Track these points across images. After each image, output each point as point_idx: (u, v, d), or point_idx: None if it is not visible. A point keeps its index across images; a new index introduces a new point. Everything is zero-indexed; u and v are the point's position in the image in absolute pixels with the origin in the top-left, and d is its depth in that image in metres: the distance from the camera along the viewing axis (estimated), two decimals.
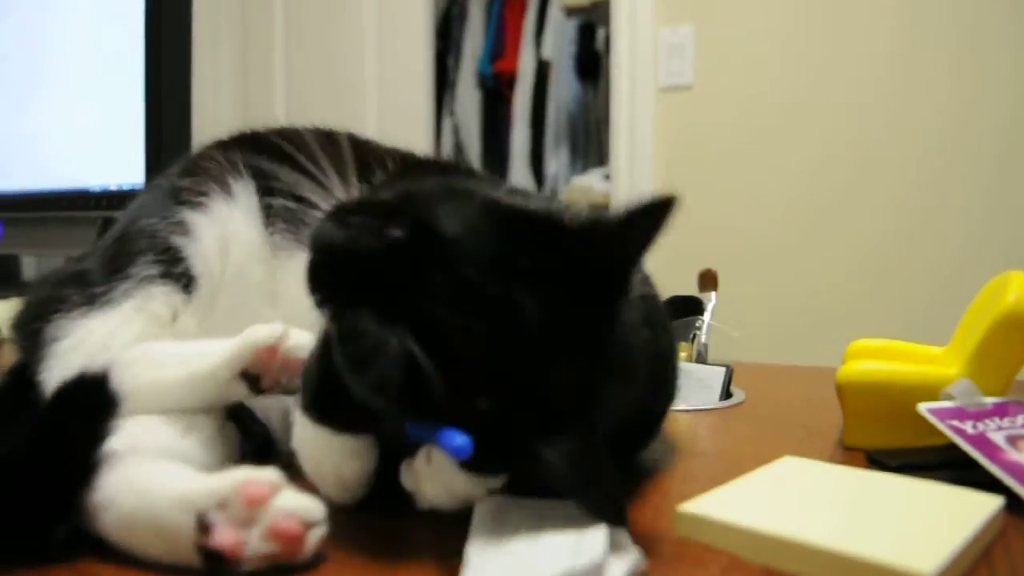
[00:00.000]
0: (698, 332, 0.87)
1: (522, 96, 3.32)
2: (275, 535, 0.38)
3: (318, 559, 0.40)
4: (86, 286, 0.55)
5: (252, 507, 0.38)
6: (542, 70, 3.28)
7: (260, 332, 0.49)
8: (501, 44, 3.42)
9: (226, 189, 0.59)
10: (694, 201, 1.88)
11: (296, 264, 0.57)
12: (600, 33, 3.18)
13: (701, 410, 0.76)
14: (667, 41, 2.34)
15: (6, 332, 1.26)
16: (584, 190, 2.86)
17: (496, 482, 0.44)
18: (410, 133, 3.10)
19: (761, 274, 2.08)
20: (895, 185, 2.01)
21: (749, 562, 0.40)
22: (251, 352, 0.49)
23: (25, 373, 0.54)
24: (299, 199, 0.60)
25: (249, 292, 0.58)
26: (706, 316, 0.88)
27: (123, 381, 0.48)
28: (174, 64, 1.14)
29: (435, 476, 0.43)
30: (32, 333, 0.54)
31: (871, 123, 2.03)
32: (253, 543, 0.38)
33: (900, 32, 2.00)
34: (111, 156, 1.22)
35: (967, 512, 0.42)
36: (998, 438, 0.52)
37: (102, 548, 0.40)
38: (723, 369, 0.81)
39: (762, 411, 0.77)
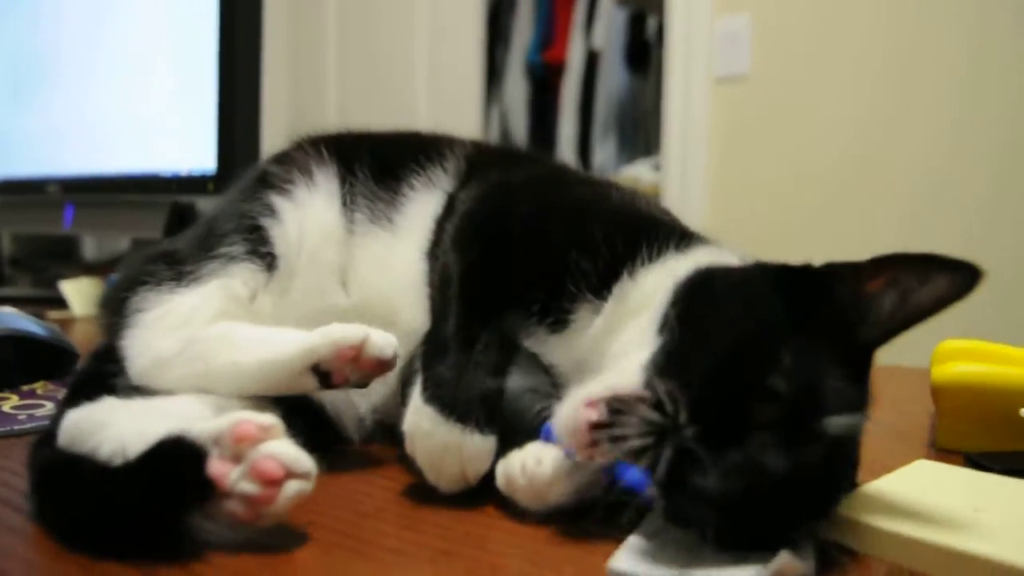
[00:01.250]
0: None
1: (571, 85, 3.31)
2: (255, 474, 0.39)
3: (301, 539, 0.41)
4: (176, 263, 0.57)
5: (240, 444, 0.40)
6: (591, 60, 3.27)
7: (343, 330, 0.50)
8: (550, 33, 3.42)
9: (309, 176, 0.62)
10: (750, 193, 1.87)
11: (372, 243, 0.60)
12: (650, 23, 3.15)
13: None
14: (723, 30, 2.31)
15: (81, 309, 1.28)
16: (632, 180, 2.85)
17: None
18: (460, 121, 3.11)
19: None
20: (963, 178, 1.97)
21: (909, 569, 0.40)
22: (330, 349, 0.49)
23: (110, 350, 0.56)
24: (382, 182, 0.62)
25: (322, 275, 0.60)
26: None
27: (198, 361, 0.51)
28: (247, 52, 1.16)
29: (534, 482, 0.44)
30: (119, 302, 0.56)
31: (935, 116, 1.99)
32: (235, 478, 0.39)
33: (971, 18, 1.95)
34: (183, 142, 1.23)
35: None
36: None
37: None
38: None
39: None
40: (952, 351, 0.65)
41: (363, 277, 0.60)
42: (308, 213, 0.60)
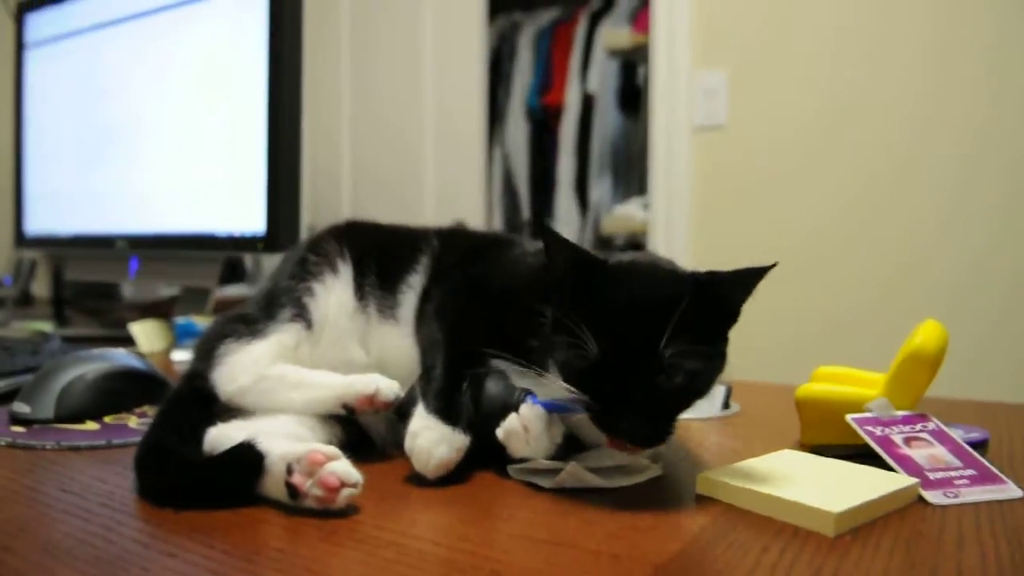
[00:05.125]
0: None
1: (568, 127, 3.54)
2: (321, 484, 0.62)
3: (350, 510, 0.63)
4: (249, 323, 0.83)
5: (312, 465, 0.62)
6: (587, 103, 3.50)
7: (361, 383, 0.75)
8: (548, 79, 3.64)
9: (335, 268, 0.88)
10: (730, 232, 2.14)
11: (388, 332, 0.85)
12: (641, 70, 3.39)
13: (706, 419, 0.98)
14: (702, 84, 2.56)
15: (148, 347, 1.52)
16: (625, 218, 3.07)
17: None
18: (464, 163, 3.35)
19: (778, 305, 2.28)
20: (916, 224, 2.20)
21: (737, 507, 0.64)
22: (353, 396, 0.75)
23: (195, 379, 0.82)
24: (384, 284, 0.87)
25: (343, 336, 0.86)
26: None
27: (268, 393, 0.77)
28: (289, 129, 1.40)
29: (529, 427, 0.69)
30: (209, 350, 0.82)
31: (895, 166, 2.24)
32: (309, 485, 0.62)
33: (930, 74, 2.20)
34: (234, 206, 1.48)
35: (884, 484, 0.65)
36: (898, 439, 0.74)
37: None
38: (724, 387, 1.03)
39: (748, 419, 0.99)
40: (824, 374, 0.90)
41: (384, 348, 0.85)
42: (333, 294, 0.86)
